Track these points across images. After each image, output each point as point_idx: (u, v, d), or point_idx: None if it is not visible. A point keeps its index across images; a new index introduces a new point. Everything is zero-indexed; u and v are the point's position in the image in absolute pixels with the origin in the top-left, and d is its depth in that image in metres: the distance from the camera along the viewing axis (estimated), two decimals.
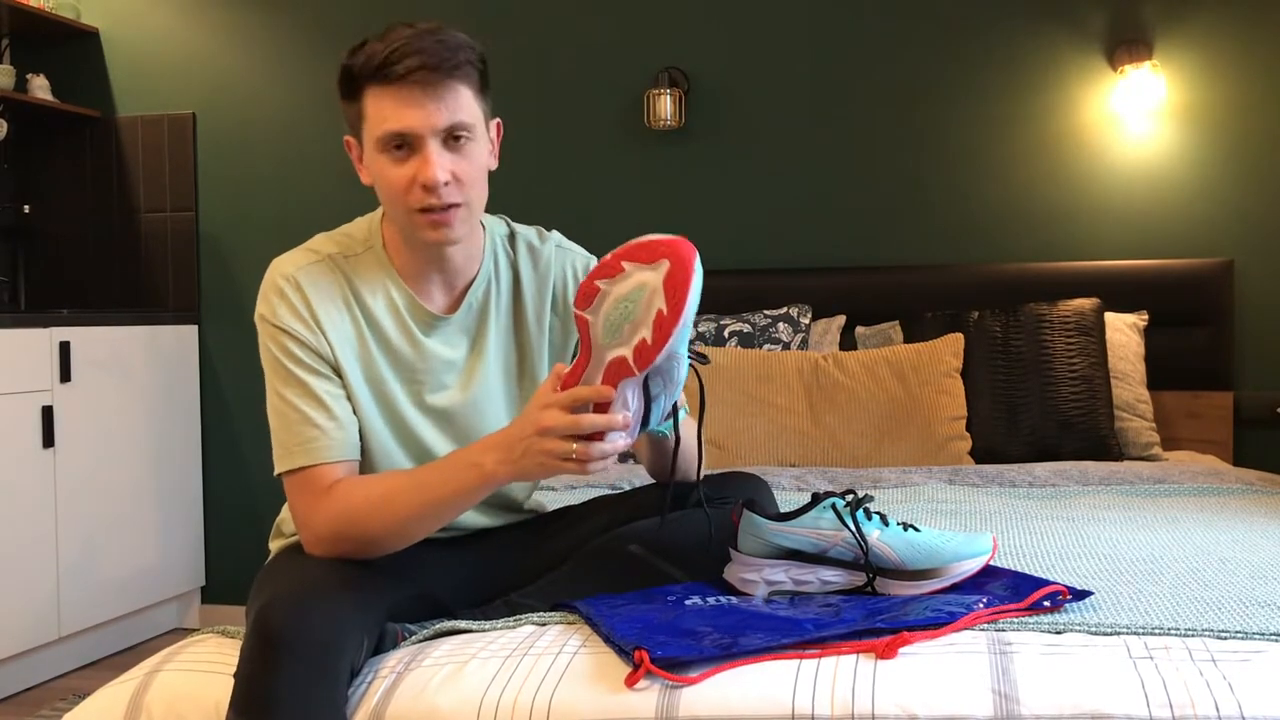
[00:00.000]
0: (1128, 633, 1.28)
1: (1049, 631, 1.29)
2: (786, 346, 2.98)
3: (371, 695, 1.28)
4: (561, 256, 1.63)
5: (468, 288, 1.55)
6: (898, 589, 1.43)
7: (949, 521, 2.02)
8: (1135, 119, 3.10)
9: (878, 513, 1.47)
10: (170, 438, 3.56)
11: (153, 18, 3.71)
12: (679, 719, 1.18)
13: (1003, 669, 1.20)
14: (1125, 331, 2.91)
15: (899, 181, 3.25)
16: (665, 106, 3.28)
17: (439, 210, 1.43)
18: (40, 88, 3.58)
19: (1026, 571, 1.57)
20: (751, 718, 1.17)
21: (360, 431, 1.48)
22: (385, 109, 1.40)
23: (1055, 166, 3.15)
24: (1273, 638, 1.26)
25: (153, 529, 3.47)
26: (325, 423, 1.44)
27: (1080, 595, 1.40)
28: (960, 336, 2.84)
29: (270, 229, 3.64)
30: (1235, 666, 1.19)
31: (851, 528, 1.43)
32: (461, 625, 1.40)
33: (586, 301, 1.30)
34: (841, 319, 3.11)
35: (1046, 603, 1.37)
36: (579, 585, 1.48)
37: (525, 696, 1.22)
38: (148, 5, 3.71)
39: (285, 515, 1.59)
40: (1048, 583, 1.41)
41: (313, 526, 1.42)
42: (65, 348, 3.12)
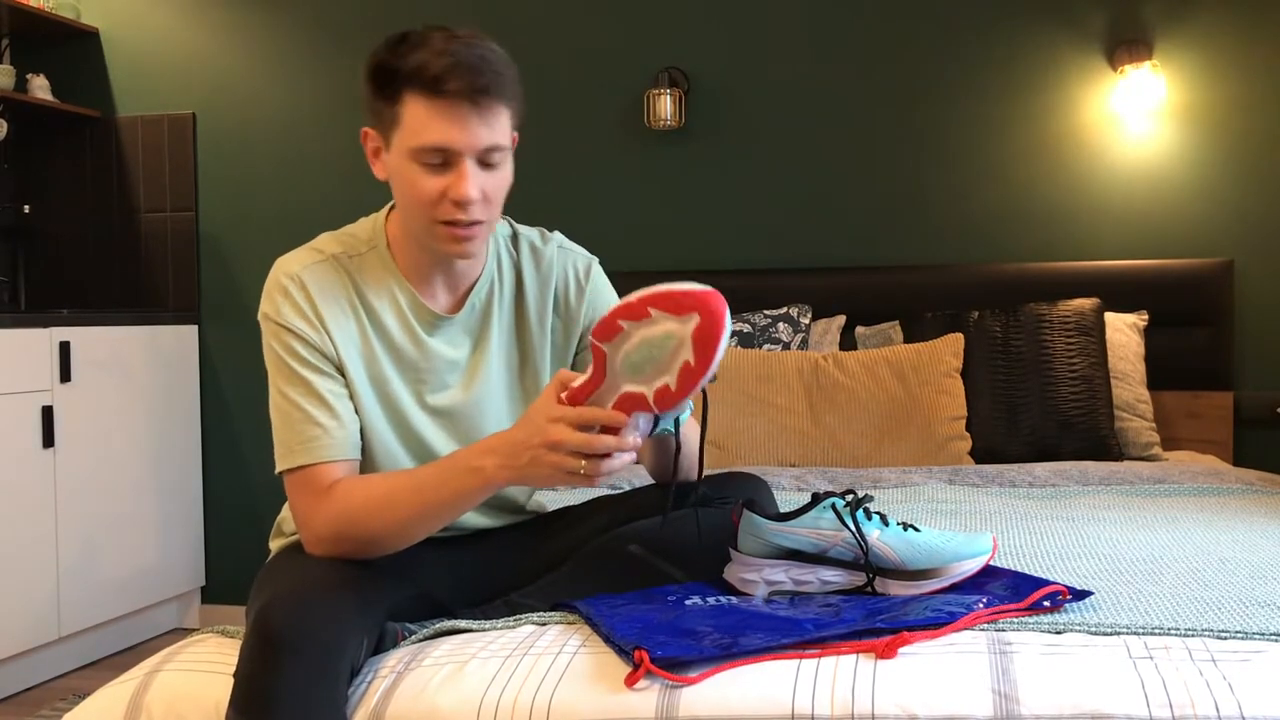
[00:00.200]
0: (1128, 633, 1.28)
1: (1049, 631, 1.29)
2: (786, 346, 2.97)
3: (371, 695, 1.28)
4: (564, 257, 1.63)
5: (471, 288, 1.56)
6: (898, 589, 1.43)
7: (949, 521, 2.02)
8: (1135, 119, 3.10)
9: (878, 513, 1.47)
10: (170, 438, 3.56)
11: (153, 18, 3.71)
12: (679, 719, 1.18)
13: (1003, 669, 1.20)
14: (1125, 331, 2.91)
15: (899, 181, 3.25)
16: (665, 106, 3.28)
17: (464, 226, 1.43)
18: (40, 88, 3.58)
19: (1026, 571, 1.57)
20: (751, 718, 1.17)
21: (362, 431, 1.49)
22: (428, 121, 1.39)
23: (1055, 166, 3.15)
24: (1273, 638, 1.26)
25: (153, 529, 3.47)
26: (328, 421, 1.44)
27: (1080, 595, 1.39)
28: (960, 336, 2.84)
29: (270, 229, 3.64)
30: (1235, 666, 1.19)
31: (851, 528, 1.43)
32: (461, 625, 1.40)
33: (607, 336, 1.29)
34: (841, 319, 3.11)
35: (1046, 603, 1.37)
36: (579, 585, 1.48)
37: (525, 696, 1.22)
38: (148, 5, 3.71)
39: (286, 515, 1.59)
40: (1048, 583, 1.41)
41: (313, 526, 1.42)
42: (65, 348, 3.12)
